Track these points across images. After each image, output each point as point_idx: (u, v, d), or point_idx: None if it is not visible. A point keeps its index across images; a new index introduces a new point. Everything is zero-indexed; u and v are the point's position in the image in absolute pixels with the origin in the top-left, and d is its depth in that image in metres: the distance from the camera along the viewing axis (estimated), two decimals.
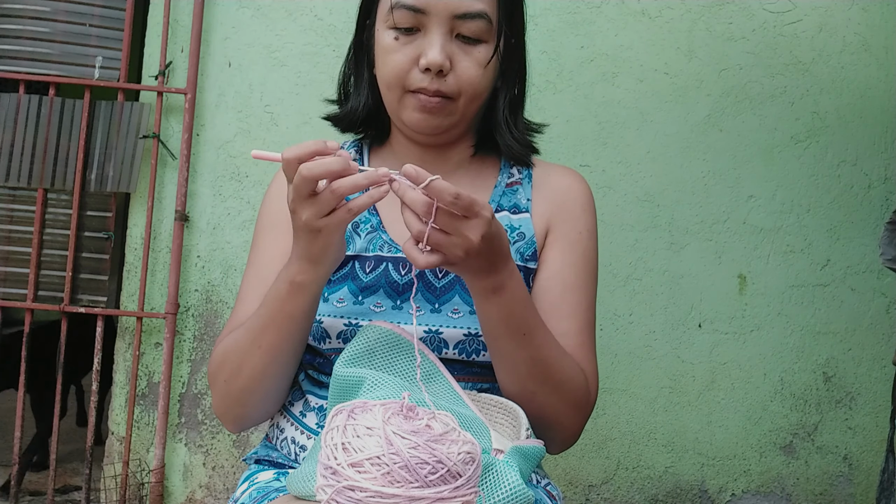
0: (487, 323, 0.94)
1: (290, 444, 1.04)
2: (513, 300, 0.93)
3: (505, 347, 0.95)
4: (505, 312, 0.93)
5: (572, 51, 2.32)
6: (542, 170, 1.13)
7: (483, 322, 0.95)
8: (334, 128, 1.15)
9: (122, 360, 2.26)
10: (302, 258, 0.90)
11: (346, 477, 0.67)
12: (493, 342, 0.96)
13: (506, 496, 0.78)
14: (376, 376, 0.86)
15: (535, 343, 0.95)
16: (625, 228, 2.31)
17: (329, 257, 0.90)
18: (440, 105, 1.00)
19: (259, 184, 2.26)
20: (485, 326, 0.95)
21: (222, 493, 2.24)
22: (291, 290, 0.92)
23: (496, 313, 0.93)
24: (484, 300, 0.92)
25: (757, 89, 2.34)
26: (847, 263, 2.36)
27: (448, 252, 0.84)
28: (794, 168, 2.35)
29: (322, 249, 0.89)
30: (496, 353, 0.97)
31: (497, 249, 0.89)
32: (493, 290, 0.91)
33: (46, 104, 2.23)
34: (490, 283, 0.91)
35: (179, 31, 2.27)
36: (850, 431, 2.35)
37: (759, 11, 2.35)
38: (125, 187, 2.23)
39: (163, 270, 2.25)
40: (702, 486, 2.32)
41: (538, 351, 0.96)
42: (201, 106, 2.27)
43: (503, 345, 0.95)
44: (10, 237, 2.26)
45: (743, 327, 2.33)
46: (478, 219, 0.84)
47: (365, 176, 0.82)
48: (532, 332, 0.95)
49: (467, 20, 0.99)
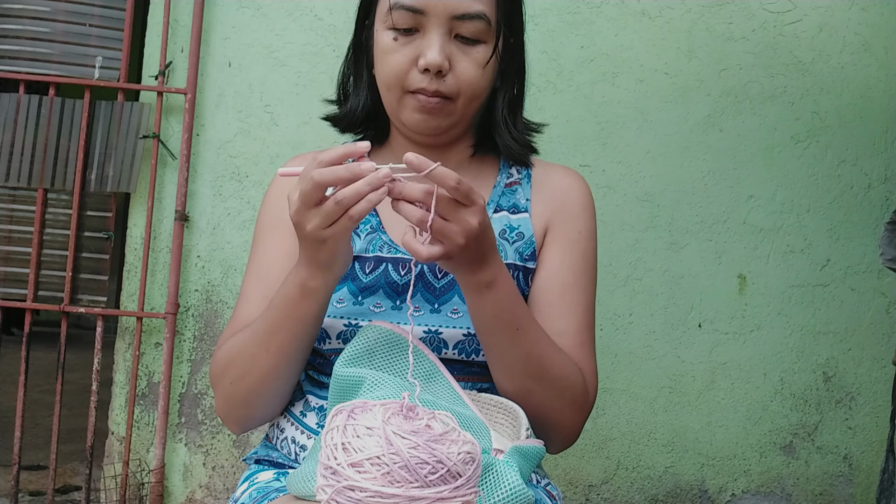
0: (481, 319, 0.95)
1: (290, 443, 1.04)
2: (505, 295, 0.93)
3: (499, 344, 0.96)
4: (498, 308, 0.93)
5: (572, 51, 2.32)
6: (541, 170, 1.13)
7: (476, 319, 0.95)
8: (334, 128, 1.15)
9: (122, 360, 2.26)
10: (311, 264, 0.90)
11: (346, 477, 0.67)
12: (488, 339, 0.96)
13: (506, 496, 0.78)
14: (376, 376, 0.86)
15: (529, 339, 0.96)
16: (625, 228, 2.31)
17: (338, 263, 0.91)
18: (439, 105, 1.01)
19: (259, 184, 2.26)
20: (478, 323, 0.96)
21: (222, 493, 2.24)
22: (303, 295, 0.92)
23: (490, 309, 0.93)
24: (477, 296, 0.93)
25: (757, 89, 2.34)
26: (847, 263, 2.36)
27: (448, 239, 0.85)
28: (794, 168, 2.35)
29: (330, 257, 0.89)
30: (491, 351, 0.98)
31: (491, 240, 0.90)
32: (486, 284, 0.92)
33: (46, 104, 2.23)
34: (483, 276, 0.91)
35: (179, 31, 2.27)
36: (850, 431, 2.36)
37: (759, 11, 2.35)
38: (125, 187, 2.23)
39: (163, 270, 2.25)
40: (702, 486, 2.32)
41: (532, 347, 0.96)
42: (201, 106, 2.27)
43: (497, 341, 0.96)
44: (10, 237, 2.25)
45: (743, 327, 2.33)
46: (476, 206, 0.85)
47: (366, 182, 0.81)
48: (525, 327, 0.95)
49: (466, 21, 0.99)
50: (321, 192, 0.83)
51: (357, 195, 0.81)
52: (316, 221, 0.84)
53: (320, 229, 0.85)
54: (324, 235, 0.85)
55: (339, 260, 0.91)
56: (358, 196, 0.82)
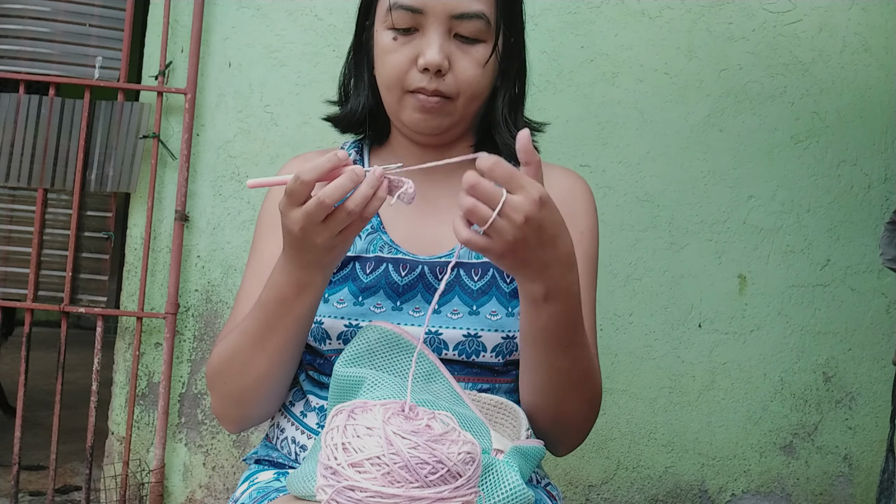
0: (529, 329, 0.89)
1: (290, 443, 1.04)
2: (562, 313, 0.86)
3: (542, 358, 0.92)
4: (552, 324, 0.87)
5: (572, 51, 2.32)
6: (542, 170, 1.13)
7: (525, 327, 0.90)
8: (334, 128, 1.15)
9: (122, 360, 2.26)
10: (310, 266, 0.90)
11: (347, 477, 0.67)
12: (531, 349, 0.92)
13: (506, 496, 0.78)
14: (376, 376, 0.86)
15: (574, 355, 0.92)
16: (625, 228, 2.31)
17: (339, 260, 0.92)
18: (439, 105, 1.00)
19: None
20: (525, 332, 0.91)
21: (222, 493, 2.24)
22: (299, 293, 0.92)
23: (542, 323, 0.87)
24: (531, 306, 0.86)
25: (757, 89, 2.34)
26: (847, 263, 2.36)
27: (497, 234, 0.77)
28: (794, 168, 2.35)
29: (335, 259, 0.90)
30: (529, 361, 0.94)
31: (548, 241, 0.80)
32: (543, 297, 0.84)
33: (46, 104, 2.23)
34: (538, 288, 0.84)
35: (179, 31, 2.27)
36: (850, 431, 2.35)
37: (759, 11, 2.35)
38: (125, 187, 2.23)
39: (163, 270, 2.25)
40: (702, 486, 2.32)
41: (575, 363, 0.92)
42: (201, 106, 2.27)
43: (540, 355, 0.91)
44: (10, 237, 2.25)
45: (743, 327, 2.33)
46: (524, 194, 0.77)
47: (368, 183, 0.82)
48: (575, 345, 0.91)
49: (465, 20, 0.99)
50: (328, 209, 0.83)
51: (364, 199, 0.82)
52: (327, 233, 0.84)
53: (331, 238, 0.85)
54: (334, 243, 0.86)
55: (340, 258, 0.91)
56: (365, 199, 0.82)
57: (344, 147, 1.17)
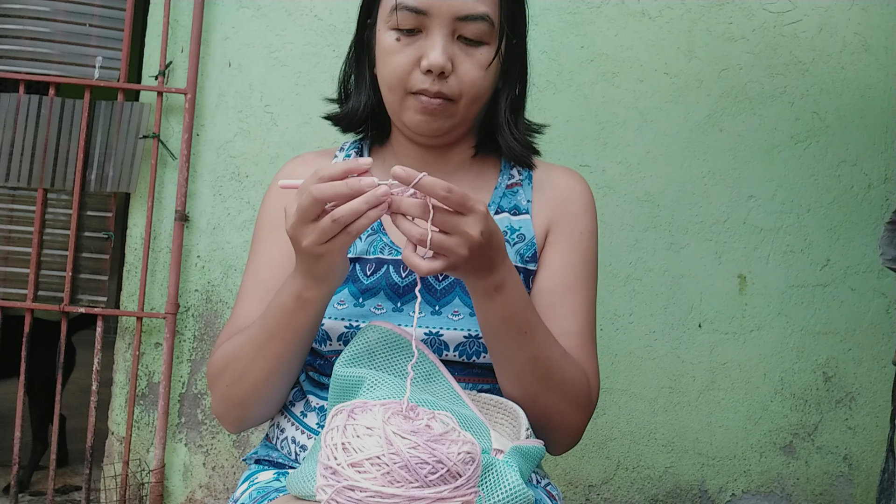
0: (488, 323, 0.94)
1: (290, 443, 1.04)
2: (513, 299, 0.92)
3: (506, 348, 0.95)
4: (507, 312, 0.92)
5: (572, 51, 2.32)
6: (542, 171, 1.13)
7: (483, 323, 0.94)
8: (335, 127, 1.15)
9: (122, 360, 2.26)
10: (307, 276, 0.90)
11: (346, 477, 0.67)
12: (495, 343, 0.95)
13: (506, 496, 0.78)
14: (376, 376, 0.86)
15: (536, 342, 0.95)
16: (625, 228, 2.31)
17: (334, 276, 0.90)
18: (441, 107, 1.00)
19: (259, 184, 2.26)
20: (485, 327, 0.95)
21: (222, 493, 2.24)
22: (298, 305, 0.92)
23: (498, 313, 0.92)
24: (485, 299, 0.92)
25: (757, 89, 2.34)
26: (847, 263, 2.36)
27: (451, 253, 0.83)
28: (794, 168, 2.35)
29: (326, 271, 0.88)
30: (497, 355, 0.97)
31: (496, 246, 0.88)
32: (494, 288, 0.90)
33: (46, 104, 2.23)
34: (491, 281, 0.90)
35: (179, 31, 2.27)
36: (850, 431, 2.35)
37: (759, 11, 2.35)
38: (125, 187, 2.23)
39: (163, 270, 2.25)
40: (702, 486, 2.32)
41: (540, 350, 0.95)
42: (201, 106, 2.27)
43: (505, 345, 0.95)
44: (10, 237, 2.25)
45: (743, 327, 2.33)
46: (474, 214, 0.83)
47: (364, 200, 0.80)
48: (533, 331, 0.94)
49: (469, 22, 0.99)
50: (319, 207, 0.82)
51: (354, 213, 0.80)
52: (312, 237, 0.83)
53: (317, 245, 0.83)
54: (320, 251, 0.84)
55: (336, 273, 0.90)
56: (355, 214, 0.80)
57: (344, 147, 1.16)
